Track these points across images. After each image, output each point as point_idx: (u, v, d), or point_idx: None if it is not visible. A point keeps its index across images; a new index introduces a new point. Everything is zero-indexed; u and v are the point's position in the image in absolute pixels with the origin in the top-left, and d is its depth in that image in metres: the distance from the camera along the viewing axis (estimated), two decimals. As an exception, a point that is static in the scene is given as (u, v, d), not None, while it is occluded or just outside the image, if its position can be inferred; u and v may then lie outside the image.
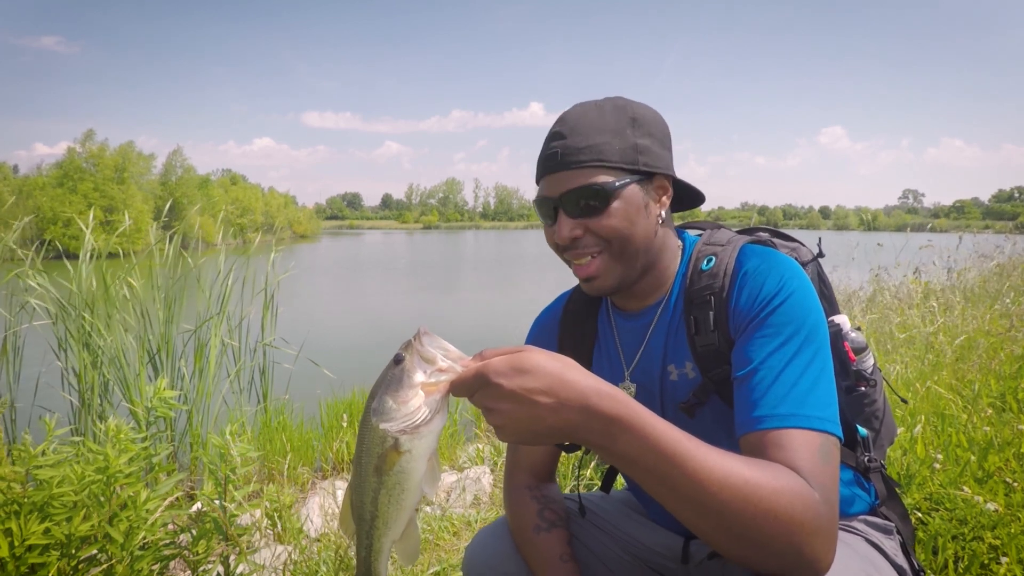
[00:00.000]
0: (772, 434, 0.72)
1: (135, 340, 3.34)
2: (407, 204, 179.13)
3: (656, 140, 0.91)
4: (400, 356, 0.67)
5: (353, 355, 7.36)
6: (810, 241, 1.13)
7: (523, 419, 0.64)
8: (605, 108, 0.91)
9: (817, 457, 0.70)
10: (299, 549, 2.11)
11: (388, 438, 0.65)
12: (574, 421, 0.64)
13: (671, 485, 0.63)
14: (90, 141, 42.21)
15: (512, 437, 0.67)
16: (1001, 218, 79.50)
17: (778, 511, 0.63)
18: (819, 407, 0.74)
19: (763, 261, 0.87)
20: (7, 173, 42.00)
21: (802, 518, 0.64)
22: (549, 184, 0.91)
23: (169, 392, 1.70)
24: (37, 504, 1.33)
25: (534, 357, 0.65)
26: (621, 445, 0.64)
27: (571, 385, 0.64)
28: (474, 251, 43.41)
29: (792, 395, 0.75)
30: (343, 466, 3.36)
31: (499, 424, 0.66)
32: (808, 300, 0.83)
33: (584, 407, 0.64)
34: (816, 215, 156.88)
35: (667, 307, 0.96)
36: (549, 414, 0.64)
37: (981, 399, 2.65)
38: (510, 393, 0.63)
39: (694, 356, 0.90)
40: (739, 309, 0.86)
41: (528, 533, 1.01)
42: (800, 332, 0.79)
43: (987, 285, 5.35)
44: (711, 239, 0.97)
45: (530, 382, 0.63)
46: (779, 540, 0.63)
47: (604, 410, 0.64)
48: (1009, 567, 1.50)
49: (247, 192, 65.14)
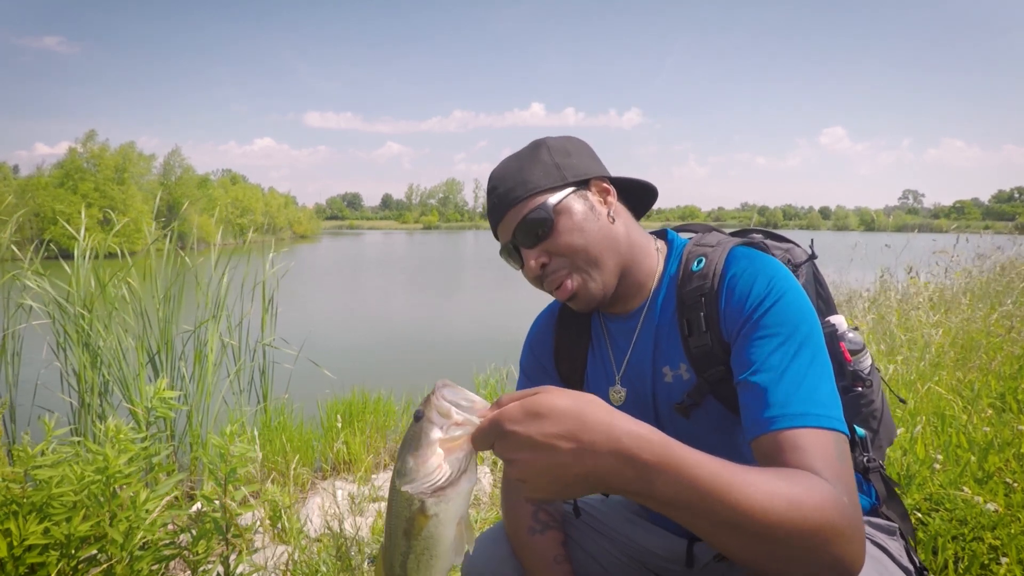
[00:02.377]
0: (786, 435, 0.71)
1: (134, 340, 3.33)
2: (407, 204, 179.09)
3: (574, 155, 0.98)
4: (419, 412, 0.63)
5: (353, 355, 7.36)
6: (807, 242, 1.12)
7: (545, 469, 0.58)
8: (522, 152, 0.99)
9: (835, 457, 0.69)
10: (299, 549, 2.11)
11: (414, 501, 0.61)
12: (603, 467, 0.58)
13: (714, 520, 0.59)
14: (91, 141, 42.22)
15: (540, 492, 0.60)
16: (1001, 218, 79.44)
17: (821, 525, 0.61)
18: (827, 405, 0.74)
19: (750, 264, 0.88)
20: (7, 173, 41.97)
21: (840, 526, 0.62)
22: (502, 231, 0.97)
23: (169, 392, 1.70)
24: (36, 504, 1.33)
25: (549, 399, 0.59)
26: (659, 488, 0.58)
27: (594, 427, 0.58)
28: (474, 251, 43.39)
29: (800, 393, 0.74)
30: (343, 466, 3.36)
31: (522, 477, 0.60)
32: (799, 301, 0.83)
33: (614, 451, 0.58)
34: (816, 215, 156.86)
35: (653, 308, 0.97)
36: (573, 461, 0.57)
37: (981, 399, 2.65)
38: (527, 441, 0.57)
39: (688, 357, 0.90)
40: (729, 312, 0.86)
41: (523, 534, 1.01)
42: (797, 332, 0.79)
43: (988, 286, 5.34)
44: (701, 240, 0.98)
45: (548, 427, 0.57)
46: (820, 552, 0.61)
47: (638, 455, 0.58)
48: (1009, 567, 1.50)
49: (247, 192, 65.11)
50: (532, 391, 0.61)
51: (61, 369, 3.24)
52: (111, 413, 3.13)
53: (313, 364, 4.00)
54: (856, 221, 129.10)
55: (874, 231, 8.86)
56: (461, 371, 5.02)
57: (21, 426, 3.14)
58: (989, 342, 3.46)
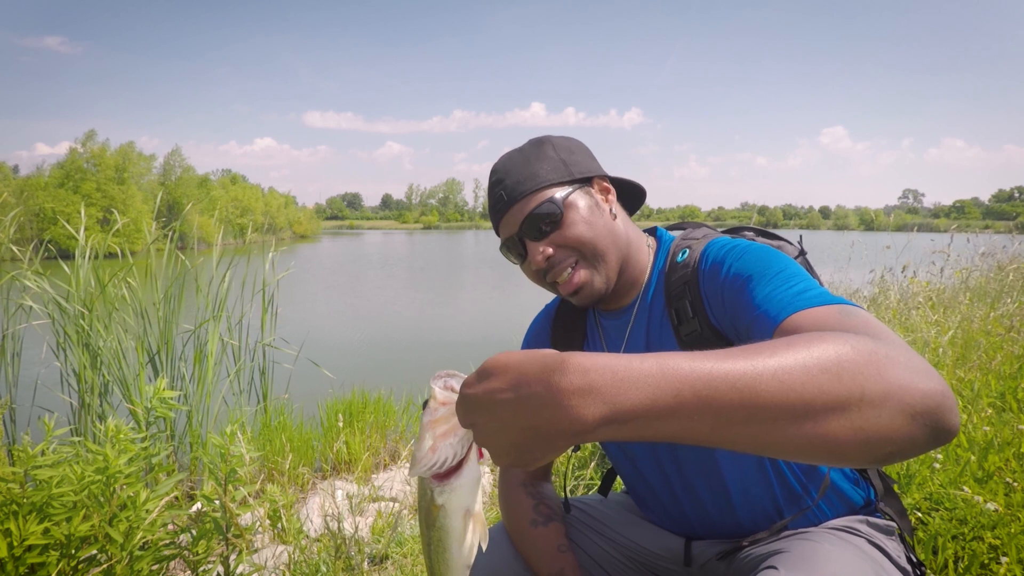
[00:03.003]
0: (787, 321, 0.69)
1: (134, 340, 3.33)
2: (407, 204, 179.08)
3: (577, 153, 1.00)
4: (425, 402, 0.64)
5: (353, 355, 7.37)
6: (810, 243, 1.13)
7: (497, 429, 0.52)
8: (525, 148, 1.00)
9: (838, 315, 0.65)
10: (299, 549, 2.11)
11: (427, 489, 0.63)
12: (549, 396, 0.48)
13: (730, 425, 0.47)
14: (91, 141, 42.26)
15: (501, 456, 0.53)
16: (1001, 218, 79.47)
17: (862, 382, 0.47)
18: (826, 295, 0.71)
19: (725, 245, 0.91)
20: (7, 173, 41.97)
21: (880, 359, 0.49)
22: (506, 225, 0.98)
23: (169, 392, 1.70)
24: (36, 504, 1.33)
25: (498, 357, 0.54)
26: (630, 396, 0.47)
27: (531, 372, 0.50)
28: (474, 251, 43.40)
29: (795, 292, 0.74)
30: (343, 466, 3.36)
31: (483, 443, 0.55)
32: (768, 248, 0.85)
33: (552, 368, 0.49)
34: (816, 215, 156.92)
35: (644, 302, 1.00)
36: (515, 412, 0.50)
37: (981, 399, 2.65)
38: (477, 401, 0.53)
39: (680, 346, 0.92)
40: (708, 290, 0.89)
41: (525, 528, 1.01)
42: (773, 263, 0.81)
43: (988, 286, 5.34)
44: (688, 235, 1.01)
45: (493, 383, 0.52)
46: (885, 401, 0.47)
47: (575, 361, 0.49)
48: (1009, 567, 1.49)
49: (246, 192, 65.09)
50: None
51: (61, 369, 3.24)
52: (111, 413, 3.13)
53: (313, 364, 4.00)
54: (856, 221, 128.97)
55: (874, 231, 8.86)
56: (461, 371, 5.00)
57: (21, 426, 3.14)
58: (989, 341, 3.46)
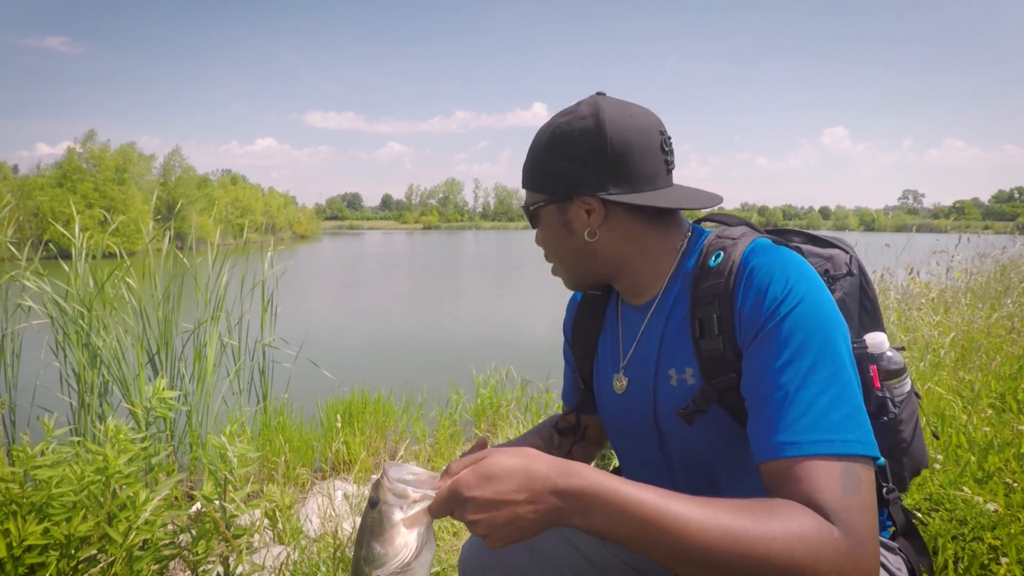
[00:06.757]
0: (789, 464, 0.67)
1: (134, 340, 3.33)
2: (407, 204, 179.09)
3: (577, 161, 0.86)
4: (374, 499, 0.67)
5: (353, 355, 7.37)
6: (856, 246, 1.03)
7: (507, 522, 0.65)
8: (545, 130, 0.90)
9: (839, 487, 0.65)
10: (299, 549, 2.11)
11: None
12: (550, 506, 0.65)
13: (655, 548, 0.63)
14: (91, 141, 42.21)
15: (502, 542, 0.66)
16: (1001, 218, 79.45)
17: (773, 557, 0.60)
18: (841, 428, 0.67)
19: (769, 259, 0.79)
20: (7, 173, 41.97)
21: (809, 561, 0.60)
22: None
23: (168, 392, 1.70)
24: (36, 504, 1.33)
25: (497, 460, 0.66)
26: (595, 519, 0.64)
27: (537, 474, 0.65)
28: (474, 251, 43.40)
29: (808, 416, 0.68)
30: (342, 467, 3.36)
31: (485, 534, 0.66)
32: (821, 305, 0.75)
33: (554, 490, 0.65)
34: (816, 215, 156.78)
35: (664, 304, 0.90)
36: (528, 510, 0.65)
37: (981, 400, 2.65)
38: (487, 502, 0.64)
39: (698, 361, 0.83)
40: (744, 314, 0.78)
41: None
42: (812, 342, 0.72)
43: (989, 286, 5.34)
44: (724, 232, 0.88)
45: (502, 485, 0.64)
46: None
47: (570, 487, 0.64)
48: (1009, 567, 1.50)
49: (246, 192, 65.07)
50: (478, 455, 0.68)
51: (60, 369, 3.24)
52: (111, 413, 3.12)
53: (313, 364, 4.00)
54: (856, 221, 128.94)
55: (874, 231, 8.87)
56: (461, 371, 5.02)
57: (21, 426, 3.14)
58: (989, 342, 3.46)
